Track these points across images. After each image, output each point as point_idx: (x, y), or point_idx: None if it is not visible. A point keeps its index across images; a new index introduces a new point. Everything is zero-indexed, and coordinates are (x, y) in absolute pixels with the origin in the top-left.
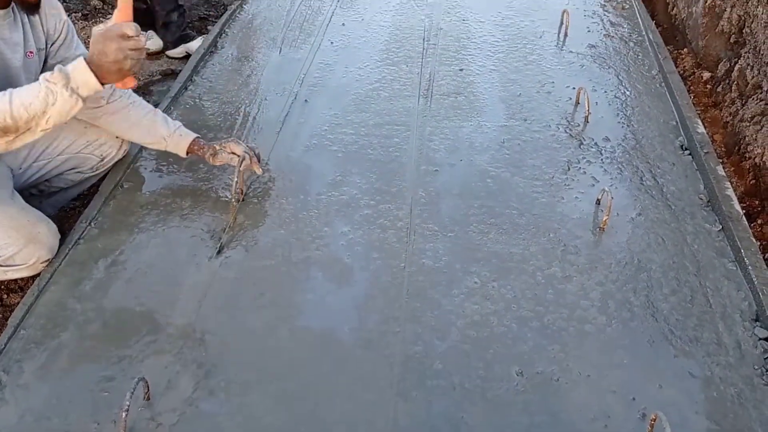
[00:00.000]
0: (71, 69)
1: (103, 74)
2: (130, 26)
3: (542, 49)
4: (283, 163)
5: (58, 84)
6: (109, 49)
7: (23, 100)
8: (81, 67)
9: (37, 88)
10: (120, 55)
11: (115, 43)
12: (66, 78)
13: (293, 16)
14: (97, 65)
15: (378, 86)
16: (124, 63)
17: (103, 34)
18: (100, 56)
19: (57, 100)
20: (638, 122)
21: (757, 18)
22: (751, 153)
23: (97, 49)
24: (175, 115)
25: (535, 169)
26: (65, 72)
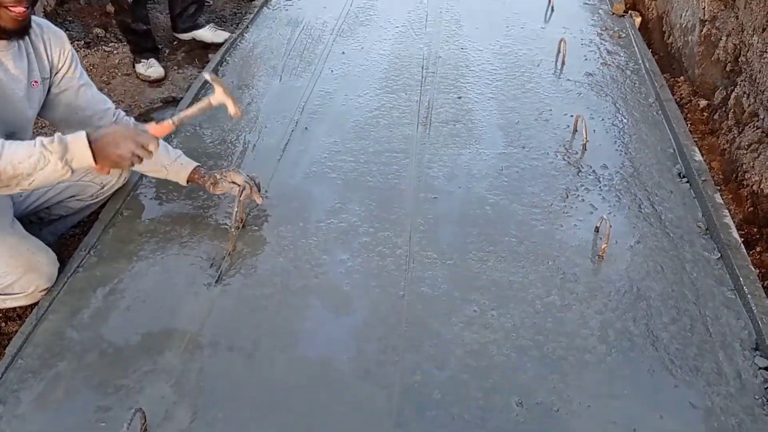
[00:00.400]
0: (71, 141)
1: (101, 156)
2: (155, 143)
3: (540, 77)
4: (283, 191)
5: (53, 153)
6: (124, 145)
7: (13, 158)
8: (82, 143)
9: (31, 150)
10: (128, 155)
11: (133, 145)
12: (64, 149)
13: (294, 44)
14: (101, 147)
15: (377, 114)
16: (125, 162)
17: (131, 132)
18: (111, 145)
19: (47, 167)
20: (636, 150)
21: (752, 47)
22: (749, 180)
23: (113, 138)
24: (175, 142)
25: (533, 197)
26: (64, 143)
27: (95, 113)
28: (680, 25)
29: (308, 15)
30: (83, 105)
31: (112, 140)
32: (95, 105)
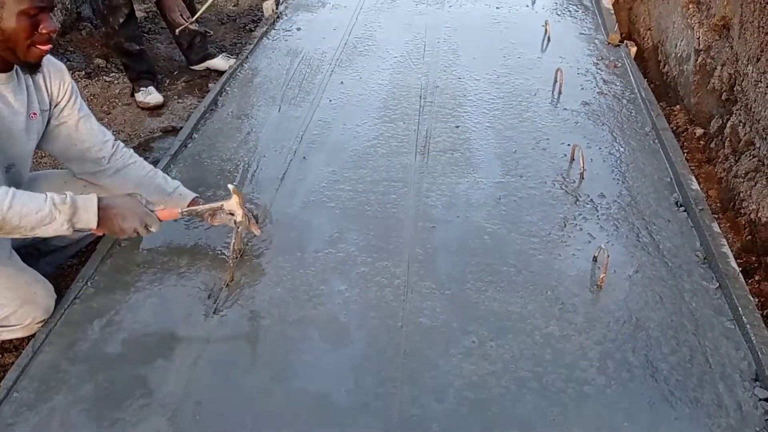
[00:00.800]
0: (81, 206)
1: (105, 223)
2: (157, 225)
3: (537, 106)
4: (282, 220)
5: (62, 213)
6: (131, 220)
7: (22, 210)
8: (91, 209)
9: (41, 205)
10: (129, 229)
11: (138, 222)
12: (73, 212)
13: (293, 74)
14: (108, 215)
15: (376, 143)
16: (123, 233)
17: (141, 210)
18: (119, 216)
19: (51, 224)
20: (633, 179)
21: (747, 76)
22: (746, 209)
23: (122, 211)
24: (174, 172)
25: (531, 226)
26: (75, 206)
27: (94, 145)
28: (675, 55)
29: (307, 45)
30: (82, 137)
31: (120, 212)
32: (94, 137)
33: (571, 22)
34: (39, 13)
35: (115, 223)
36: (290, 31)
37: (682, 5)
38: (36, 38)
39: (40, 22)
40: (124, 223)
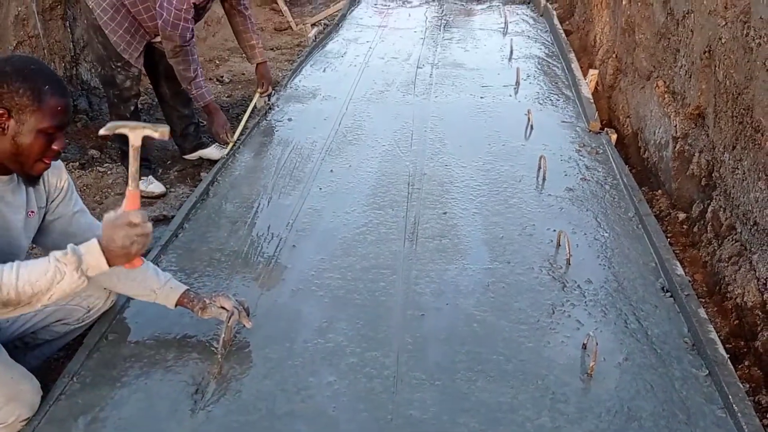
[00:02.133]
0: (84, 251)
1: (111, 258)
2: (136, 214)
3: (522, 192)
4: (270, 310)
5: (69, 265)
6: (117, 236)
7: (30, 277)
8: (95, 250)
9: (46, 266)
10: (127, 241)
11: (122, 230)
12: (78, 260)
13: (284, 163)
14: (106, 249)
15: (365, 230)
16: (132, 248)
17: (113, 222)
18: (109, 242)
19: (64, 280)
20: (619, 264)
21: (724, 163)
22: (732, 293)
23: (107, 236)
24: (165, 261)
25: (520, 313)
26: (78, 254)
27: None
28: (654, 142)
29: (298, 135)
30: (76, 232)
31: (107, 238)
32: (88, 232)
33: (553, 111)
34: (56, 131)
35: (115, 249)
36: (282, 122)
37: (658, 95)
38: (46, 154)
39: (54, 140)
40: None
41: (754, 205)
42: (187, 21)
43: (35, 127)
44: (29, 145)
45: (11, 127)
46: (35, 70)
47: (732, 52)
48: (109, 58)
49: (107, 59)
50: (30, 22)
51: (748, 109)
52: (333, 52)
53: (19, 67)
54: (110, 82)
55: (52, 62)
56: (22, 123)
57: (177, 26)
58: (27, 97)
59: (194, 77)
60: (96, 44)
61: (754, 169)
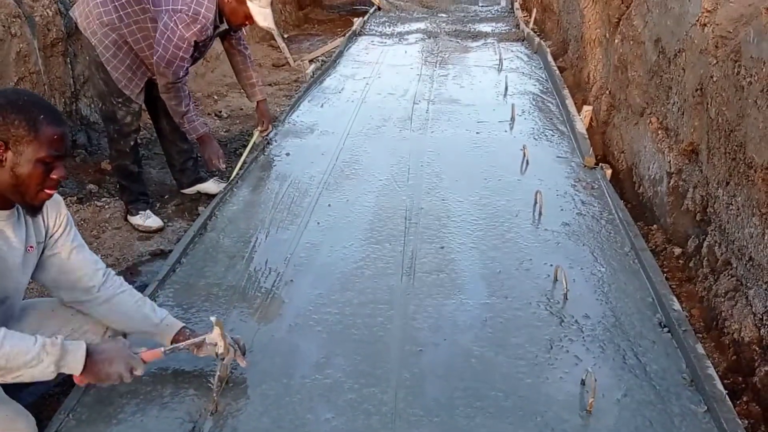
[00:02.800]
0: (70, 350)
1: (90, 369)
2: (142, 368)
3: (519, 227)
4: (268, 345)
5: (49, 355)
6: (116, 365)
7: (10, 352)
8: (79, 355)
9: (30, 347)
10: (115, 376)
11: (123, 367)
12: (61, 357)
13: (282, 197)
14: (94, 361)
15: (362, 265)
16: (109, 380)
17: (126, 354)
18: (104, 362)
19: (37, 367)
20: (616, 299)
21: (718, 199)
22: (729, 328)
23: (108, 356)
24: (162, 297)
25: (518, 348)
26: (64, 350)
27: (85, 275)
28: (649, 177)
29: (296, 170)
30: (74, 267)
31: (107, 357)
32: (86, 266)
33: (548, 146)
34: (55, 160)
35: (101, 369)
36: (280, 156)
37: (652, 131)
38: (46, 183)
39: (53, 169)
40: (110, 368)
41: (749, 241)
42: (184, 60)
43: (33, 157)
44: (28, 175)
45: (9, 158)
46: (29, 101)
47: (723, 90)
48: (111, 94)
49: (108, 95)
50: (31, 58)
51: (741, 146)
52: (330, 87)
53: (13, 99)
54: (111, 117)
55: (53, 98)
56: (20, 154)
57: (172, 63)
58: (23, 128)
59: (186, 112)
60: (97, 80)
61: (748, 205)
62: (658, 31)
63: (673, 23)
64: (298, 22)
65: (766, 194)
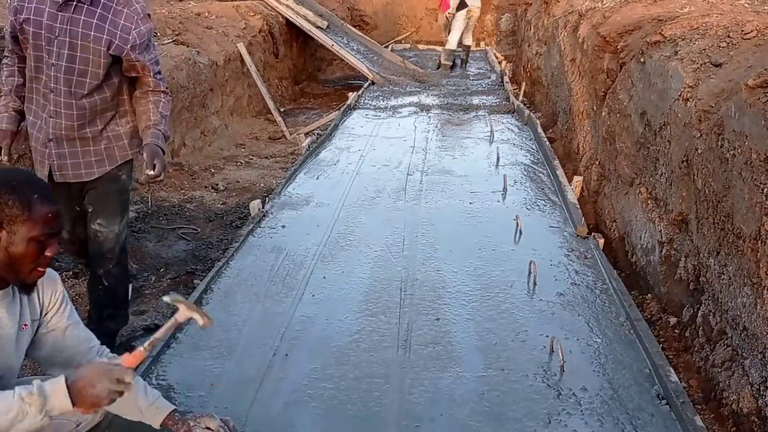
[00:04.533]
0: (50, 392)
1: (79, 399)
2: (130, 374)
3: (514, 297)
4: (262, 423)
5: (33, 405)
6: (100, 385)
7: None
8: (61, 392)
9: (10, 404)
10: (104, 393)
11: (107, 381)
12: (43, 401)
13: (277, 270)
14: (78, 390)
15: (357, 338)
16: (104, 401)
17: (104, 368)
18: (87, 386)
19: (25, 420)
20: (613, 371)
21: (710, 268)
22: (728, 399)
23: (87, 379)
24: (156, 374)
25: (516, 422)
26: (44, 395)
27: (79, 352)
28: (641, 246)
29: (291, 242)
30: (69, 344)
31: (87, 381)
32: (81, 344)
33: (541, 216)
34: (48, 238)
35: (88, 394)
36: (275, 229)
37: (642, 201)
38: (40, 261)
39: (47, 247)
40: (95, 390)
41: (742, 310)
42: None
43: (27, 236)
44: (22, 254)
45: (3, 238)
46: (22, 180)
47: (709, 162)
48: None
49: None
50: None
51: (729, 216)
52: (326, 160)
53: (6, 179)
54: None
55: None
56: (14, 233)
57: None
58: (16, 207)
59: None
60: None
61: (739, 275)
62: (643, 104)
63: (656, 98)
64: (294, 96)
65: (756, 264)
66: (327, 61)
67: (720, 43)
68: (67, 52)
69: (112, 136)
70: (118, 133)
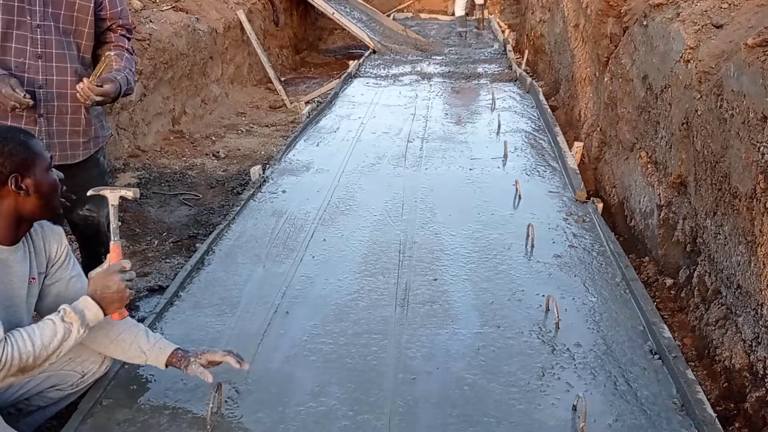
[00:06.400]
0: (83, 307)
1: (106, 305)
2: (126, 261)
3: (511, 259)
4: (263, 375)
5: (75, 323)
6: (112, 282)
7: (43, 341)
8: (91, 304)
9: (54, 328)
10: (122, 285)
11: (117, 276)
12: (82, 317)
13: (278, 233)
14: (100, 297)
15: (356, 296)
16: (125, 292)
17: (105, 272)
18: (104, 290)
19: (71, 337)
20: (607, 328)
21: (707, 229)
22: (721, 356)
23: (101, 285)
24: (159, 330)
25: (510, 376)
26: (79, 311)
27: None
28: (640, 210)
29: (292, 206)
30: (72, 295)
31: (102, 286)
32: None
33: (540, 181)
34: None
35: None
36: (276, 194)
37: (642, 165)
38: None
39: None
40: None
41: (736, 269)
42: None
43: (43, 169)
44: (50, 186)
45: (29, 184)
46: (6, 128)
47: (708, 123)
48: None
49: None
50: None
51: (726, 177)
52: (326, 127)
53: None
54: None
55: None
56: (35, 174)
57: None
58: (21, 152)
59: None
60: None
61: (734, 234)
62: (645, 68)
63: (658, 60)
64: (294, 65)
65: (750, 222)
66: (328, 30)
67: (721, 4)
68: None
69: (93, 114)
70: (99, 112)
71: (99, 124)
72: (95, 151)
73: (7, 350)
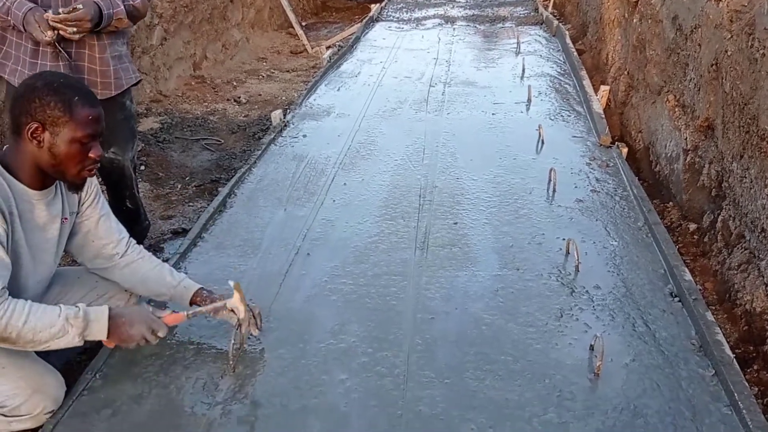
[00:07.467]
0: (93, 318)
1: (114, 333)
2: (164, 329)
3: (532, 203)
4: (284, 314)
5: (74, 328)
6: (138, 327)
7: (36, 325)
8: (102, 321)
9: (54, 320)
10: (138, 338)
11: (145, 328)
12: (85, 326)
13: (299, 177)
14: (117, 324)
15: (377, 239)
16: (132, 342)
17: (146, 316)
18: (126, 324)
19: (63, 338)
20: (627, 271)
21: (732, 173)
22: (742, 300)
23: (130, 319)
24: (182, 270)
25: (528, 316)
26: (87, 320)
27: (110, 242)
28: (665, 155)
29: (313, 150)
30: (101, 234)
31: (128, 320)
32: (111, 235)
33: (564, 126)
34: (90, 140)
35: (124, 332)
36: (297, 138)
37: (669, 109)
38: (86, 163)
39: (90, 149)
40: (131, 330)
41: (761, 213)
42: None
43: (69, 137)
44: (66, 154)
45: (46, 139)
46: (64, 83)
47: (737, 63)
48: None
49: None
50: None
51: (754, 119)
52: (347, 72)
53: (49, 81)
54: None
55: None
56: (56, 134)
57: None
58: (58, 109)
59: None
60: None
61: (761, 177)
62: (675, 8)
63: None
64: (316, 10)
65: None
66: None
67: None
68: None
69: (110, 55)
70: (120, 54)
71: (120, 66)
72: (117, 94)
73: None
